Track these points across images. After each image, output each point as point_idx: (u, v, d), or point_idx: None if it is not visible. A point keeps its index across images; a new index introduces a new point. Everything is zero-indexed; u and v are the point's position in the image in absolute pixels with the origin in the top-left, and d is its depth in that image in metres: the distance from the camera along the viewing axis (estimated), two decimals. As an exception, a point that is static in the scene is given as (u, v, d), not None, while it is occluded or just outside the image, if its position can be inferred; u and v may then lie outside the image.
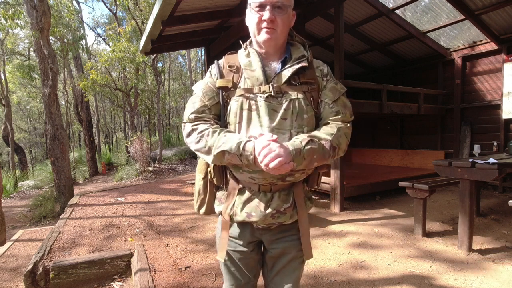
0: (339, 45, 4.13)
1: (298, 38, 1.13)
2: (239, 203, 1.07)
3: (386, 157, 7.08)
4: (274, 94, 1.00)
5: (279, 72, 1.03)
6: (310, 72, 1.07)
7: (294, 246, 1.13)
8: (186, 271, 2.52)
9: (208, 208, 1.19)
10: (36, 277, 2.45)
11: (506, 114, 4.91)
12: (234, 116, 1.02)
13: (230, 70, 1.08)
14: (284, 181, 1.03)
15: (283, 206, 1.05)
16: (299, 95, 1.02)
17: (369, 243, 2.99)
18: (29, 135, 24.27)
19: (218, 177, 1.12)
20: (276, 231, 1.12)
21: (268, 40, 1.02)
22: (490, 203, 4.30)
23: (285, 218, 1.07)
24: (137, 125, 12.58)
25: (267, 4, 0.99)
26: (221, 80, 1.06)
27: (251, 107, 1.01)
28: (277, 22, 1.00)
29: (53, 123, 5.65)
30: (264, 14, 0.99)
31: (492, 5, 4.34)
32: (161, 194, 5.67)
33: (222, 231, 1.13)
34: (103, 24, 19.14)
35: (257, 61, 1.04)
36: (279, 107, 1.00)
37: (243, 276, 1.19)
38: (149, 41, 5.21)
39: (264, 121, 1.00)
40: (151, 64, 10.65)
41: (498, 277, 2.27)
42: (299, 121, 1.01)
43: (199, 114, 1.05)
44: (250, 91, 1.02)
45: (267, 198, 1.04)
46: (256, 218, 1.04)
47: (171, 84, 23.15)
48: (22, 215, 5.62)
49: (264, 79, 1.02)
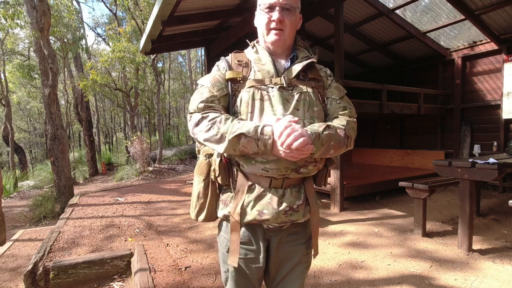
0: (339, 45, 4.13)
1: (301, 43, 1.17)
2: (249, 201, 1.02)
3: (386, 157, 7.08)
4: (286, 86, 1.02)
5: (289, 67, 1.06)
6: (315, 71, 1.12)
7: (299, 250, 1.10)
8: (186, 271, 2.52)
9: (208, 213, 1.12)
10: (36, 277, 2.45)
11: (506, 114, 4.91)
12: (246, 106, 1.01)
13: (239, 64, 1.09)
14: (298, 172, 1.01)
15: (296, 203, 1.03)
16: (309, 89, 1.05)
17: (369, 243, 2.99)
18: (29, 135, 24.27)
19: (224, 175, 1.05)
20: (286, 233, 1.08)
21: (276, 41, 1.05)
22: (490, 203, 4.30)
23: (298, 216, 1.04)
24: (137, 125, 12.58)
25: (276, 5, 1.02)
26: (231, 72, 1.06)
27: (263, 97, 1.01)
28: (285, 23, 1.03)
29: (53, 123, 5.65)
30: (274, 15, 1.02)
31: (492, 5, 4.34)
32: (161, 194, 5.67)
33: (232, 234, 1.04)
34: (103, 24, 19.14)
35: (267, 55, 1.07)
36: (292, 98, 1.02)
37: (247, 286, 1.12)
38: (149, 41, 5.21)
39: (278, 110, 1.00)
40: (151, 64, 10.65)
41: (498, 277, 2.27)
42: (311, 113, 1.03)
43: (208, 103, 1.02)
44: (261, 82, 1.04)
45: (279, 194, 1.01)
46: (268, 215, 1.00)
47: (171, 84, 23.14)
48: (22, 215, 5.62)
49: (275, 72, 1.05)
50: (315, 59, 1.09)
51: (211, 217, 1.14)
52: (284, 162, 0.96)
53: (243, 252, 1.07)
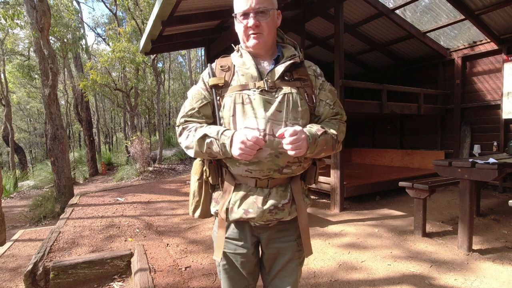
0: (339, 45, 4.13)
1: (289, 41, 1.18)
2: (236, 200, 1.08)
3: (386, 157, 7.08)
4: (267, 89, 1.04)
5: (272, 69, 1.08)
6: (302, 70, 1.12)
7: (290, 247, 1.13)
8: (186, 271, 2.52)
9: (203, 211, 1.19)
10: (36, 277, 2.45)
11: (506, 114, 4.91)
12: (228, 110, 1.05)
13: (222, 70, 1.13)
14: (281, 173, 1.05)
15: (281, 202, 1.06)
16: (293, 90, 1.06)
17: (369, 243, 2.99)
18: (29, 135, 24.28)
19: (214, 175, 1.13)
20: (274, 230, 1.12)
21: (257, 44, 1.07)
22: (490, 203, 4.30)
23: (283, 214, 1.07)
24: (137, 125, 12.58)
25: (250, 11, 1.04)
26: (213, 79, 1.10)
27: (244, 100, 1.04)
28: (262, 26, 1.05)
29: (53, 123, 5.65)
30: (249, 21, 1.05)
31: (492, 5, 4.34)
32: (161, 194, 5.67)
33: (219, 230, 1.12)
34: (103, 24, 19.14)
35: (250, 59, 1.09)
36: (273, 100, 1.04)
37: (242, 280, 1.17)
38: (149, 41, 5.21)
39: (259, 112, 1.02)
40: (151, 64, 10.64)
41: (498, 277, 2.27)
42: (294, 114, 1.04)
43: (187, 117, 1.13)
44: (245, 87, 1.06)
45: (265, 194, 1.06)
46: (253, 214, 1.05)
47: (171, 84, 23.16)
48: (22, 215, 5.62)
49: (258, 76, 1.07)
50: (298, 60, 1.10)
51: (206, 214, 1.21)
52: (266, 163, 1.02)
53: (232, 247, 1.14)
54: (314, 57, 7.52)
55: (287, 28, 5.79)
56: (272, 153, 1.01)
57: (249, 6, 1.03)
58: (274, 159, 1.01)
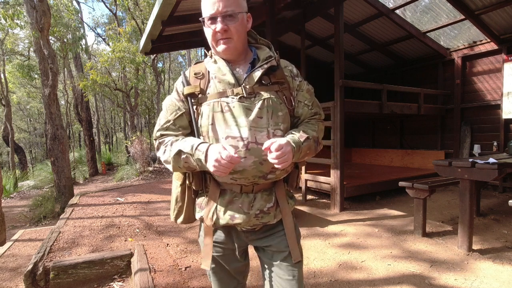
0: (339, 45, 4.13)
1: (263, 41, 1.15)
2: (222, 206, 1.07)
3: (386, 157, 7.08)
4: (246, 95, 1.01)
5: (249, 74, 1.04)
6: (279, 72, 1.09)
7: (282, 241, 1.11)
8: (186, 271, 2.52)
9: (186, 216, 1.17)
10: (36, 277, 2.45)
11: (506, 114, 4.91)
12: (206, 118, 1.03)
13: (196, 77, 1.09)
14: (266, 179, 1.04)
15: (266, 206, 1.07)
16: (272, 95, 1.04)
17: (369, 243, 2.99)
18: (29, 135, 24.29)
19: (197, 181, 1.10)
20: (260, 231, 1.12)
21: (226, 49, 1.03)
22: (490, 203, 4.30)
23: (269, 218, 1.08)
24: (137, 125, 12.58)
25: (217, 15, 1.00)
26: (188, 87, 1.06)
27: (223, 108, 1.01)
28: (230, 30, 1.01)
29: (53, 123, 5.65)
30: (217, 26, 1.00)
31: (492, 5, 4.34)
32: (161, 194, 5.67)
33: (206, 238, 1.11)
34: (103, 24, 19.13)
35: (225, 65, 1.05)
36: (253, 106, 1.01)
37: (231, 281, 1.18)
38: (149, 41, 5.21)
39: (240, 120, 1.00)
40: (151, 64, 10.66)
41: (498, 277, 2.27)
42: (275, 119, 1.03)
43: (163, 130, 1.10)
44: (223, 94, 1.03)
45: (250, 199, 1.06)
46: (239, 220, 1.04)
47: (171, 84, 23.12)
48: (22, 215, 5.62)
49: (236, 82, 1.03)
50: (275, 62, 1.06)
51: (189, 220, 1.18)
52: (251, 171, 1.01)
53: (220, 250, 1.14)
54: (314, 57, 7.52)
55: (287, 28, 5.79)
56: (256, 161, 1.00)
57: (216, 10, 0.99)
58: (258, 166, 1.00)
